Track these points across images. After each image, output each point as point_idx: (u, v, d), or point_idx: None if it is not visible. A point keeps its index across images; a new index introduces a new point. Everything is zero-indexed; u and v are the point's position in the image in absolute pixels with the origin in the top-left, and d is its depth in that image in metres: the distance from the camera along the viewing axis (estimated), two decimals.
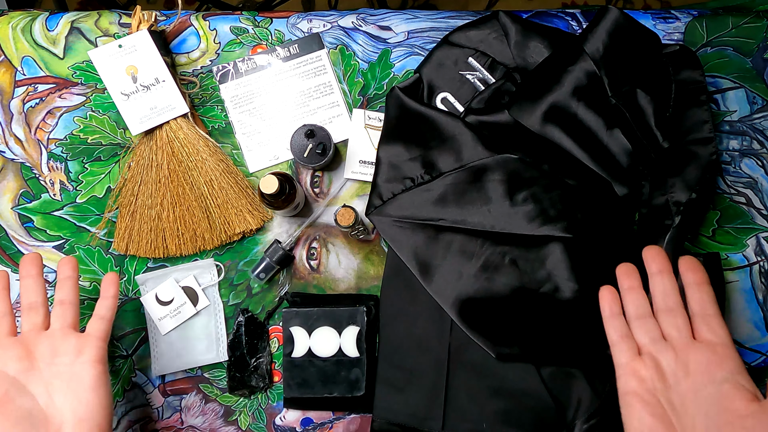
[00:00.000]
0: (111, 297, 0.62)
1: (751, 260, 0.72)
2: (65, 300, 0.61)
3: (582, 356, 0.66)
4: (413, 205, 0.67)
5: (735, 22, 0.75)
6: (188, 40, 0.75)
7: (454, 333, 0.68)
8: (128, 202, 0.71)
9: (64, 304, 0.60)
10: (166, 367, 0.70)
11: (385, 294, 0.70)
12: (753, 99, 0.75)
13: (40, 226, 0.72)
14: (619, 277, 0.59)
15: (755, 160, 0.74)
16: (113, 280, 0.63)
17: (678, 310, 0.55)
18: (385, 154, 0.69)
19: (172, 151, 0.70)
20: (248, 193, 0.72)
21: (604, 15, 0.67)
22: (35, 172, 0.73)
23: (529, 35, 0.71)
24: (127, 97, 0.69)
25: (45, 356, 0.58)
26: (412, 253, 0.67)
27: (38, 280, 0.61)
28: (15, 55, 0.74)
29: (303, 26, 0.75)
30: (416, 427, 0.67)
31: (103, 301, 0.62)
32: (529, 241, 0.66)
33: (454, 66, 0.73)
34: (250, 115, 0.74)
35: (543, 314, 0.65)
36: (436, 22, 0.76)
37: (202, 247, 0.71)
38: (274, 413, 0.70)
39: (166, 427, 0.70)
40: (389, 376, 0.68)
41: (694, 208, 0.68)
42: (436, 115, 0.69)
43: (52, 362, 0.58)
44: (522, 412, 0.66)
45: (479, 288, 0.66)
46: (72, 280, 0.62)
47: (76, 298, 0.61)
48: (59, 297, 0.61)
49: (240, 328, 0.70)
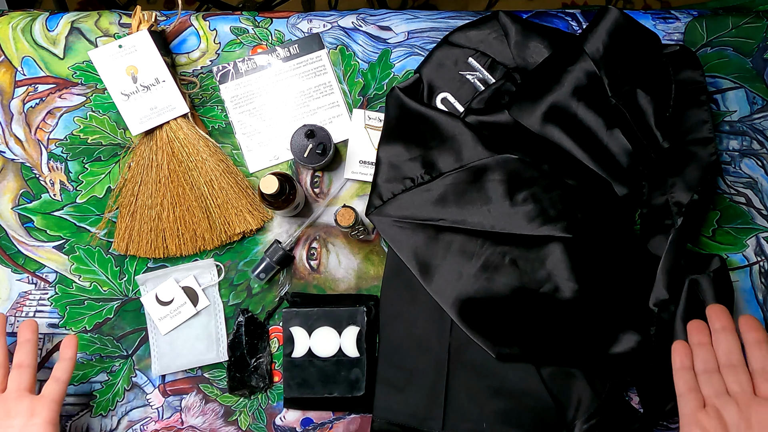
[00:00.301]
0: (69, 359, 0.64)
1: (751, 260, 0.72)
2: (23, 363, 0.63)
3: (582, 356, 0.66)
4: (413, 205, 0.67)
5: (735, 23, 0.75)
6: (188, 41, 0.75)
7: (454, 333, 0.68)
8: (128, 203, 0.71)
9: (22, 367, 0.63)
10: (167, 367, 0.70)
11: (385, 294, 0.70)
12: (753, 99, 0.75)
13: (40, 226, 0.72)
14: (690, 332, 0.61)
15: (755, 160, 0.74)
16: (72, 343, 0.65)
17: (740, 367, 0.58)
18: (385, 154, 0.69)
19: (172, 151, 0.70)
20: (248, 193, 0.72)
21: (604, 15, 0.67)
22: (35, 173, 0.73)
23: (529, 35, 0.71)
24: (127, 97, 0.70)
25: None
26: (412, 253, 0.67)
27: (1, 340, 0.64)
28: (15, 55, 0.74)
29: (303, 26, 0.75)
30: (416, 427, 0.67)
31: (60, 363, 0.64)
32: (529, 241, 0.66)
33: (454, 66, 0.73)
34: (250, 115, 0.74)
35: (543, 314, 0.65)
36: (436, 23, 0.76)
37: (202, 247, 0.71)
38: (274, 413, 0.70)
39: (166, 427, 0.70)
40: (389, 376, 0.68)
41: (695, 209, 0.68)
42: (436, 115, 0.69)
43: (6, 423, 0.60)
44: (522, 412, 0.66)
45: (479, 288, 0.66)
46: (31, 343, 0.64)
47: (34, 362, 0.64)
48: (17, 360, 0.63)
49: (240, 328, 0.70)
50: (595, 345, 0.65)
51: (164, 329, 0.70)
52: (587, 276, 0.65)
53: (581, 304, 0.65)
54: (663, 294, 0.64)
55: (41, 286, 0.71)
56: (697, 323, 0.62)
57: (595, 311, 0.64)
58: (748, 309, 0.71)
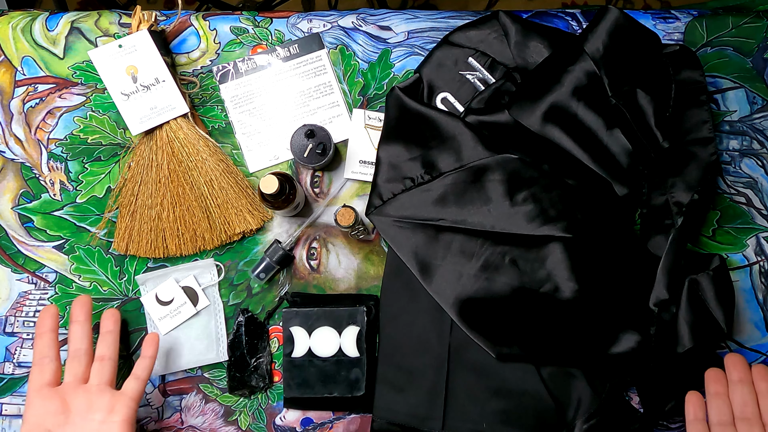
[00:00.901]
0: (149, 357, 0.64)
1: (751, 260, 0.73)
2: (105, 355, 0.63)
3: (582, 356, 0.66)
4: (413, 205, 0.67)
5: (735, 22, 0.75)
6: (188, 40, 0.75)
7: (454, 333, 0.68)
8: (128, 202, 0.71)
9: (104, 360, 0.63)
10: (167, 367, 0.70)
11: (385, 294, 0.70)
12: (753, 99, 0.75)
13: (40, 226, 0.72)
14: (708, 381, 0.62)
15: (755, 160, 0.74)
16: (153, 341, 0.65)
17: (755, 420, 0.59)
18: (385, 154, 0.69)
19: (172, 151, 0.70)
20: (248, 193, 0.72)
21: (604, 15, 0.67)
22: (35, 172, 0.73)
23: (529, 35, 0.71)
24: (127, 97, 0.69)
25: (80, 410, 0.60)
26: (412, 253, 0.67)
27: (85, 326, 0.64)
28: (15, 55, 0.74)
29: (303, 26, 0.75)
30: (416, 427, 0.67)
31: (141, 361, 0.64)
32: (529, 241, 0.66)
33: (454, 66, 0.73)
34: (250, 115, 0.74)
35: (543, 314, 0.65)
36: (436, 22, 0.76)
37: (202, 247, 0.71)
38: (274, 413, 0.70)
39: (166, 427, 0.70)
40: (389, 376, 0.68)
41: (695, 209, 0.68)
42: (436, 115, 0.68)
43: (86, 417, 0.60)
44: (522, 412, 0.66)
45: (479, 288, 0.66)
46: (113, 334, 0.64)
47: (116, 354, 0.64)
48: (100, 351, 0.63)
49: (240, 328, 0.70)
50: (594, 345, 0.65)
51: (164, 329, 0.70)
52: (587, 276, 0.65)
53: (581, 304, 0.65)
54: (663, 294, 0.64)
55: (41, 285, 0.71)
56: (715, 373, 0.62)
57: (595, 311, 0.64)
58: (748, 309, 0.71)
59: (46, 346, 0.62)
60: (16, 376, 0.70)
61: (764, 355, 0.71)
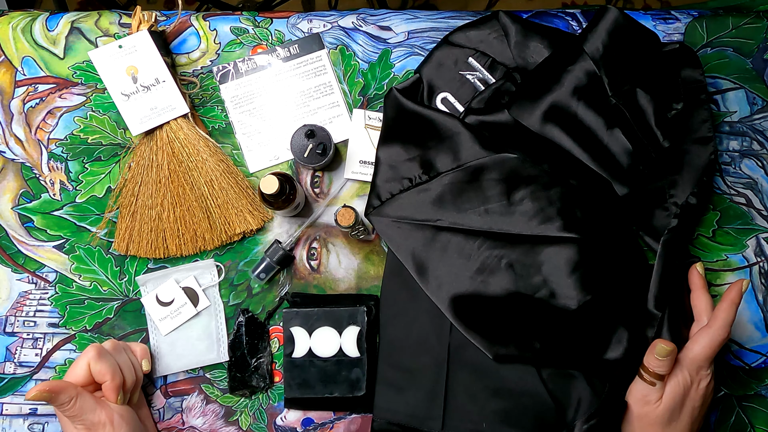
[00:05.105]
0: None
1: (751, 261, 0.73)
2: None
3: (577, 360, 0.66)
4: (411, 206, 0.67)
5: (735, 23, 0.75)
6: (188, 41, 0.75)
7: (454, 333, 0.68)
8: (128, 203, 0.71)
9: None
10: (167, 368, 0.70)
11: (385, 294, 0.70)
12: (753, 100, 0.75)
13: (40, 226, 0.72)
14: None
15: (755, 160, 0.74)
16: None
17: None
18: (384, 154, 0.69)
19: (172, 151, 0.70)
20: (248, 193, 0.72)
21: (604, 15, 0.67)
22: (35, 172, 0.73)
23: (529, 35, 0.71)
24: (127, 97, 0.69)
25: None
26: (409, 254, 0.67)
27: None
28: (15, 55, 0.74)
29: (303, 26, 0.75)
30: (416, 427, 0.67)
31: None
32: (527, 242, 0.65)
33: (454, 66, 0.73)
34: (251, 115, 0.74)
35: (538, 319, 0.65)
36: (436, 22, 0.76)
37: (203, 248, 0.71)
38: (275, 413, 0.70)
39: (167, 427, 0.70)
40: (389, 376, 0.68)
41: (692, 211, 0.68)
42: (433, 115, 0.68)
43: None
44: (522, 412, 0.66)
45: (474, 291, 0.66)
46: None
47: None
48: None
49: (240, 328, 0.70)
50: (592, 349, 0.65)
51: (165, 330, 0.70)
52: (586, 279, 0.65)
53: (577, 311, 0.64)
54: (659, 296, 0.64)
55: (41, 285, 0.71)
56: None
57: (593, 316, 0.64)
58: (748, 309, 0.72)
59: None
60: (17, 375, 0.70)
61: (764, 356, 0.71)
